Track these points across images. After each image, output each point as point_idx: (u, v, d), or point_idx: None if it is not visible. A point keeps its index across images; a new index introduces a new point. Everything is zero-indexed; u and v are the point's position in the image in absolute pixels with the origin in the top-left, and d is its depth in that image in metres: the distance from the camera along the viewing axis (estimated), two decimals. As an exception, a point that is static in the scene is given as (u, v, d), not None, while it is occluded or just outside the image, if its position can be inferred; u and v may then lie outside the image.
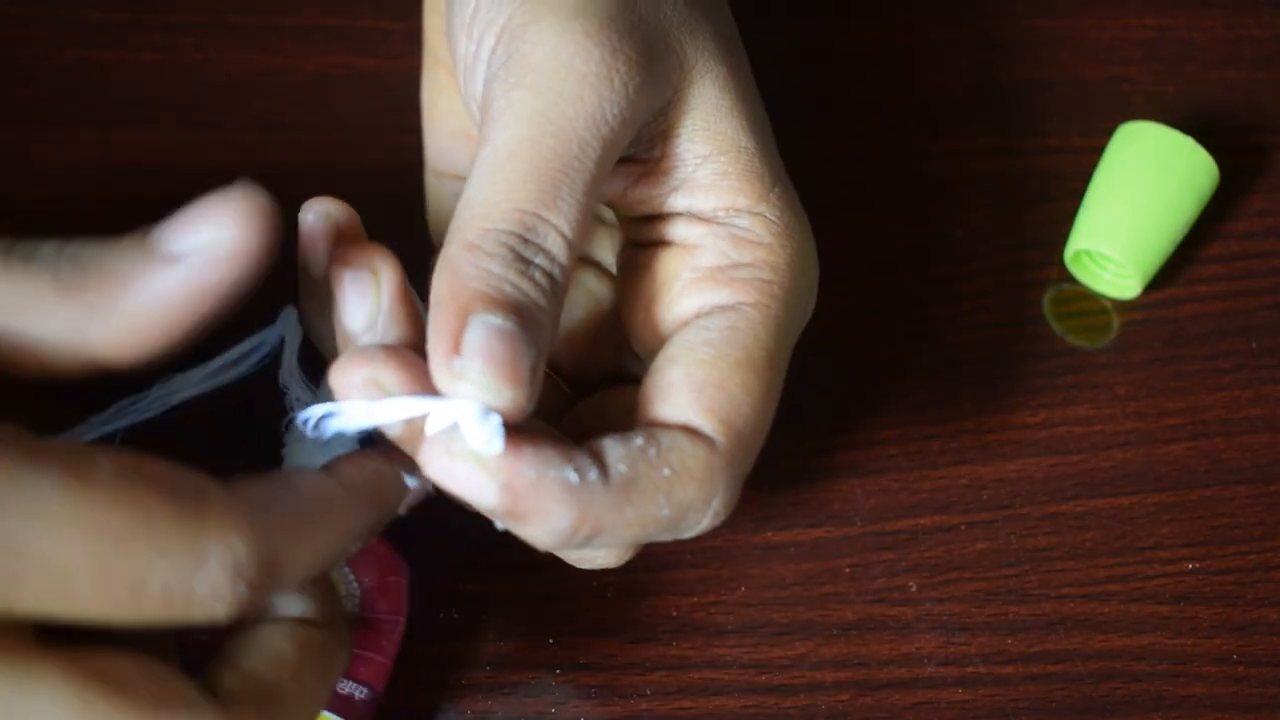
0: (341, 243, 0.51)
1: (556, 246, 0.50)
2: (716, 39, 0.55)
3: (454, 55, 0.54)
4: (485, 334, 0.48)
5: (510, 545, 0.52)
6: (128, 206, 0.66)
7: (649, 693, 0.59)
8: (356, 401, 0.49)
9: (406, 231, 0.65)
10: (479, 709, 0.59)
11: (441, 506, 0.53)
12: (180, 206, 0.67)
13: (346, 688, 0.57)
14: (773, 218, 0.53)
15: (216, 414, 0.62)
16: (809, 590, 0.61)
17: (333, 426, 0.50)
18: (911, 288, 0.66)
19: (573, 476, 0.48)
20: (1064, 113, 0.70)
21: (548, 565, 0.61)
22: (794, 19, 0.71)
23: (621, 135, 0.51)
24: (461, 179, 0.60)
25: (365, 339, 0.51)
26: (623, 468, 0.49)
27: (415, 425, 0.49)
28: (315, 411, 0.50)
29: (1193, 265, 0.67)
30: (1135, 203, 0.65)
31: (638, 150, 0.53)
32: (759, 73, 0.59)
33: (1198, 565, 0.62)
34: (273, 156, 0.67)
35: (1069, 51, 0.71)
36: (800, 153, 0.61)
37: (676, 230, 0.54)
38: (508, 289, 0.49)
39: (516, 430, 0.48)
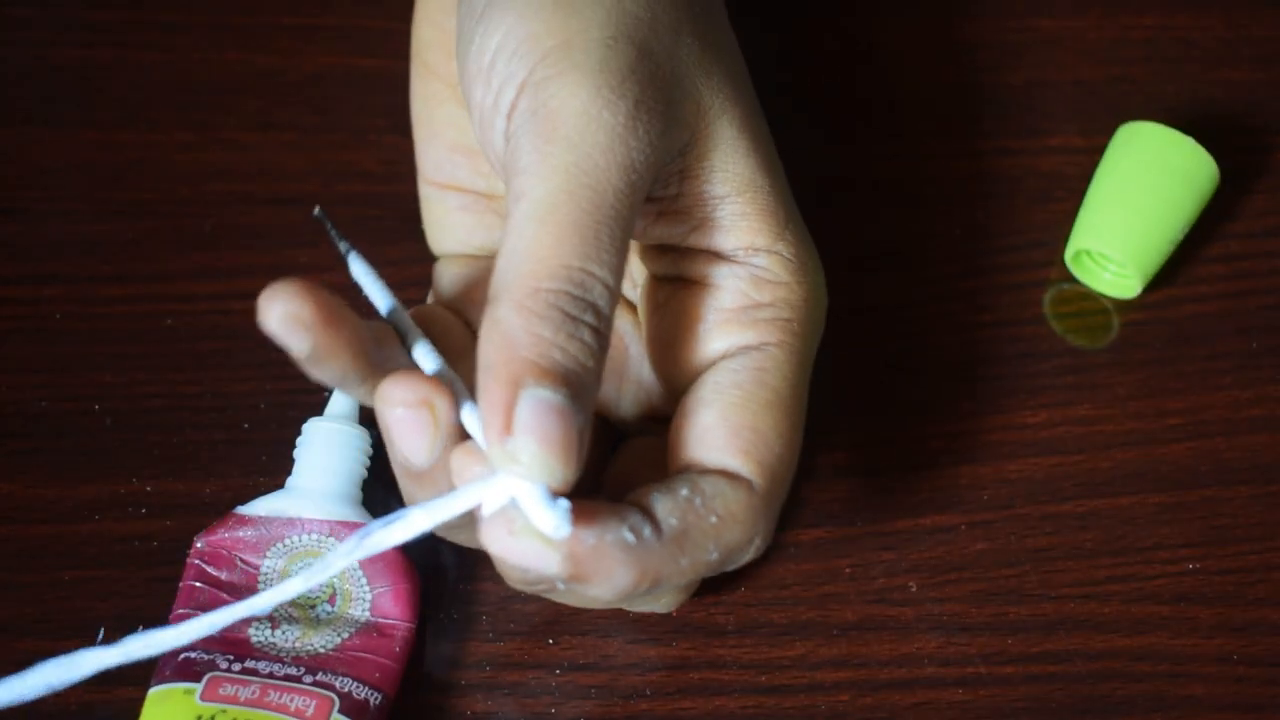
0: (336, 326, 0.51)
1: (603, 299, 0.51)
2: (730, 81, 0.56)
3: (469, 101, 0.55)
4: (537, 410, 0.49)
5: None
6: (128, 206, 0.66)
7: (649, 693, 0.59)
8: (414, 509, 0.51)
9: (407, 232, 0.65)
10: (479, 709, 0.59)
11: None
12: (180, 206, 0.67)
13: (360, 692, 0.57)
14: (789, 255, 0.55)
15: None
16: (809, 590, 0.61)
17: (393, 537, 0.51)
18: (911, 287, 0.66)
19: (630, 537, 0.51)
20: (1064, 113, 0.70)
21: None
22: (793, 19, 0.71)
23: (647, 181, 0.53)
24: (461, 191, 0.60)
25: (426, 466, 0.53)
26: (674, 520, 0.52)
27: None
28: (374, 525, 0.51)
29: (1193, 265, 0.67)
30: (1135, 203, 0.65)
31: (655, 189, 0.55)
32: (758, 72, 0.59)
33: (1198, 565, 0.62)
34: (273, 156, 0.67)
35: (1069, 51, 0.71)
36: (800, 152, 0.61)
37: (698, 268, 0.56)
38: (558, 355, 0.50)
39: (571, 496, 0.50)
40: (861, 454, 0.63)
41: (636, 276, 0.59)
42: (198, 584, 0.59)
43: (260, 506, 0.59)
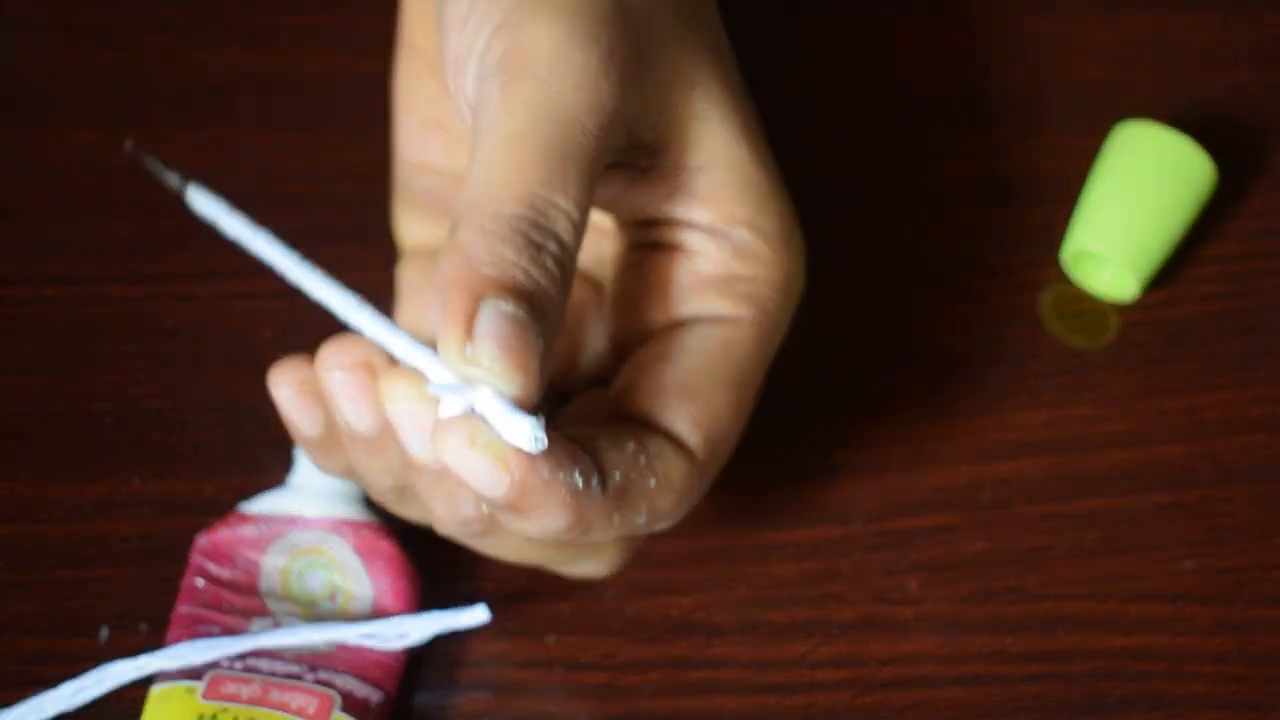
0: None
1: (567, 232, 0.50)
2: (710, 53, 0.55)
3: (444, 50, 0.55)
4: (498, 320, 0.48)
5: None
6: (128, 206, 0.66)
7: (649, 693, 0.59)
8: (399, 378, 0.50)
9: (407, 231, 0.65)
10: (479, 709, 0.59)
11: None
12: (181, 206, 0.67)
13: (361, 691, 0.57)
14: (770, 230, 0.55)
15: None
16: (809, 590, 0.61)
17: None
18: (910, 287, 0.66)
19: (579, 481, 0.50)
20: (1062, 113, 0.70)
21: (548, 565, 0.61)
22: (791, 17, 0.71)
23: (615, 129, 0.52)
24: (432, 172, 0.60)
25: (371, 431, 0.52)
26: (618, 476, 0.51)
27: None
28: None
29: (1192, 265, 0.67)
30: (1133, 204, 0.65)
31: (631, 157, 0.54)
32: (757, 71, 0.59)
33: (1196, 565, 0.62)
34: (273, 156, 0.67)
35: (1068, 51, 0.71)
36: (799, 152, 0.61)
37: (675, 235, 0.55)
38: (520, 276, 0.49)
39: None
40: (861, 454, 0.63)
41: (603, 252, 0.58)
42: (199, 581, 0.59)
43: (262, 504, 0.59)
